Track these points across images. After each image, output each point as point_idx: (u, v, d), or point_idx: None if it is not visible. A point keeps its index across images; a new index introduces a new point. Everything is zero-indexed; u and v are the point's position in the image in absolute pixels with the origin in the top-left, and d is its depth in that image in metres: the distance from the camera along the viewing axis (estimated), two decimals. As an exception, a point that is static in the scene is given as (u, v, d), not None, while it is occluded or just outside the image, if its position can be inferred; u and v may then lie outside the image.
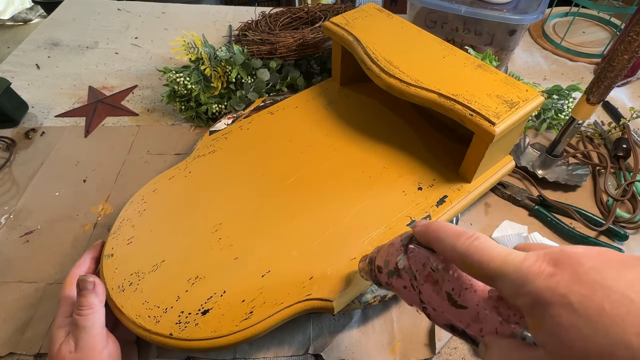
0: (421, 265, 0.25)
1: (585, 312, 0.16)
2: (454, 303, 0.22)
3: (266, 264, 0.37)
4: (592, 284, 0.16)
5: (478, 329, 0.21)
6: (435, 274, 0.24)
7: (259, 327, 0.33)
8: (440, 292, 0.23)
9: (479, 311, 0.21)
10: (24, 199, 0.50)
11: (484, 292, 0.22)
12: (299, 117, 0.52)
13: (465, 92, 0.40)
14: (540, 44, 0.78)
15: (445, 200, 0.42)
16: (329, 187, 0.43)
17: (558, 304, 0.16)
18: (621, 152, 0.54)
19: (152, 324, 0.33)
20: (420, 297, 0.25)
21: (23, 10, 1.97)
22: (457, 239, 0.21)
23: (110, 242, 0.38)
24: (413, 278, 0.25)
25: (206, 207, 0.42)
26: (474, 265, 0.20)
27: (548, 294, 0.17)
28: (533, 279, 0.18)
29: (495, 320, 0.21)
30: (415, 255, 0.25)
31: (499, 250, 0.20)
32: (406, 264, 0.26)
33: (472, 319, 0.22)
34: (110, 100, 0.64)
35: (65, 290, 0.35)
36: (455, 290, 0.23)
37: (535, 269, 0.18)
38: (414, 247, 0.26)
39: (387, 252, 0.28)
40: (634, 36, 0.38)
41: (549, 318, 0.17)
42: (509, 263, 0.19)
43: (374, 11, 0.52)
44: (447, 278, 0.23)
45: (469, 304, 0.22)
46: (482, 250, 0.20)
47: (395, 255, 0.27)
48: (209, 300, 0.34)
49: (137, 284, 0.35)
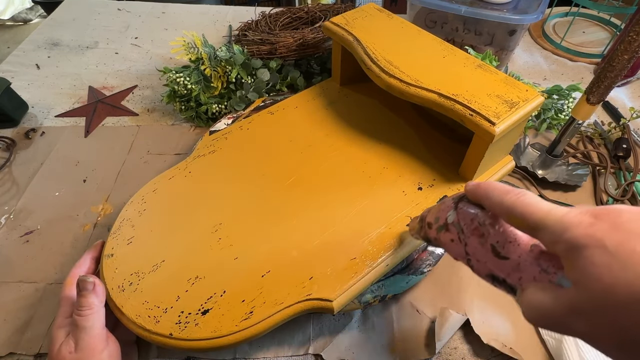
0: (469, 220, 0.27)
1: (617, 252, 0.17)
2: (498, 254, 0.25)
3: (266, 263, 0.37)
4: (628, 232, 0.17)
5: (517, 277, 0.24)
6: (482, 228, 0.26)
7: (259, 327, 0.33)
8: (485, 245, 0.26)
9: (520, 262, 0.23)
10: (24, 199, 0.50)
11: (526, 246, 0.24)
12: (299, 117, 0.52)
13: (465, 92, 0.40)
14: (540, 44, 0.78)
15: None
16: (329, 187, 0.43)
17: (593, 246, 0.18)
18: (621, 152, 0.54)
19: (152, 324, 0.33)
20: (466, 249, 0.27)
21: (23, 10, 1.97)
22: (505, 195, 0.23)
23: (110, 242, 0.38)
24: (460, 232, 0.28)
25: (206, 207, 0.42)
26: (519, 217, 0.22)
27: (585, 240, 0.18)
28: (573, 228, 0.19)
29: (534, 270, 0.23)
30: (465, 211, 0.28)
31: (543, 204, 0.22)
32: (455, 219, 0.28)
33: (512, 268, 0.24)
34: (110, 100, 0.64)
35: (65, 290, 0.35)
36: (499, 243, 0.25)
37: (575, 220, 0.19)
38: (464, 204, 0.28)
39: (438, 209, 0.31)
40: (634, 36, 0.38)
41: (583, 258, 0.18)
42: (552, 215, 0.20)
43: (374, 11, 0.52)
44: (492, 232, 0.25)
45: (511, 256, 0.24)
46: (528, 204, 0.22)
47: (446, 212, 0.29)
48: (209, 300, 0.34)
49: (137, 284, 0.35)
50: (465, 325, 0.39)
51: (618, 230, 0.18)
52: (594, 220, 0.19)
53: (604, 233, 0.18)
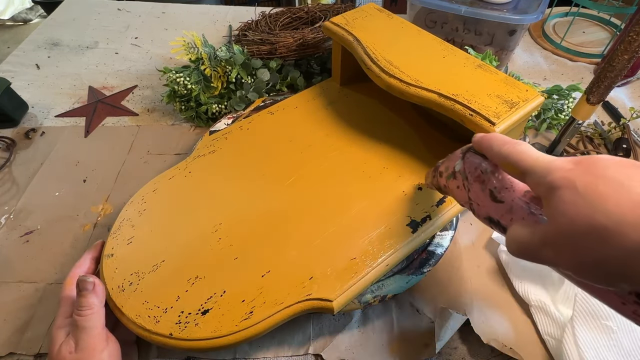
0: (474, 168, 0.30)
1: (584, 192, 0.19)
2: (495, 198, 0.28)
3: (266, 263, 0.37)
4: (597, 176, 0.20)
5: (509, 218, 0.26)
6: (484, 175, 0.29)
7: (259, 327, 0.33)
8: (485, 190, 0.29)
9: (512, 205, 0.26)
10: (24, 199, 0.50)
11: (520, 192, 0.27)
12: (299, 117, 0.52)
13: (465, 92, 0.40)
14: (540, 44, 0.78)
15: (445, 200, 0.42)
16: (329, 187, 0.43)
17: (565, 187, 0.20)
18: (621, 152, 0.54)
19: (152, 324, 0.33)
20: (469, 194, 0.30)
21: (23, 10, 1.97)
22: (504, 144, 0.26)
23: (110, 242, 0.38)
24: (465, 179, 0.31)
25: (206, 207, 0.42)
26: (512, 164, 0.25)
27: (561, 182, 0.21)
28: (554, 172, 0.21)
29: (524, 212, 0.26)
30: (470, 161, 0.31)
31: (533, 152, 0.24)
32: (461, 168, 0.31)
33: (506, 211, 0.27)
34: (110, 100, 0.64)
35: (65, 290, 0.35)
36: (497, 189, 0.28)
37: (558, 165, 0.22)
38: (470, 154, 0.31)
39: (449, 159, 0.34)
40: (634, 36, 0.38)
41: (556, 197, 0.21)
42: (539, 162, 0.23)
43: (373, 11, 0.52)
44: (492, 179, 0.28)
45: (506, 200, 0.27)
46: (521, 152, 0.25)
47: (454, 161, 0.33)
48: (208, 300, 0.34)
49: (137, 284, 0.35)
50: (465, 325, 0.39)
51: (589, 174, 0.20)
52: (573, 166, 0.21)
53: (577, 176, 0.20)
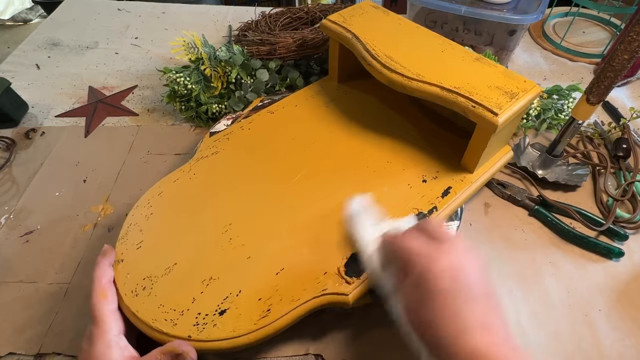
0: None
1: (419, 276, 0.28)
2: None
3: (279, 261, 0.37)
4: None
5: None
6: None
7: (278, 324, 0.33)
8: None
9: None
10: (24, 199, 0.50)
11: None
12: (300, 115, 0.52)
13: (466, 84, 0.40)
14: (540, 44, 0.78)
15: (450, 191, 0.42)
16: (335, 182, 0.44)
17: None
18: (621, 152, 0.54)
19: (170, 327, 0.33)
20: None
21: (23, 10, 1.97)
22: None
23: (119, 247, 0.38)
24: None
25: (214, 208, 0.41)
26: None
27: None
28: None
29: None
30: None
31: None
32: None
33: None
34: (110, 100, 0.64)
35: (99, 303, 0.33)
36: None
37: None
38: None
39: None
40: (634, 36, 0.38)
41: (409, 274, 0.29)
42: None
43: (370, 8, 0.52)
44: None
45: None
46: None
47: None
48: (225, 300, 0.34)
49: (151, 287, 0.35)
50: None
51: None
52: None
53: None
